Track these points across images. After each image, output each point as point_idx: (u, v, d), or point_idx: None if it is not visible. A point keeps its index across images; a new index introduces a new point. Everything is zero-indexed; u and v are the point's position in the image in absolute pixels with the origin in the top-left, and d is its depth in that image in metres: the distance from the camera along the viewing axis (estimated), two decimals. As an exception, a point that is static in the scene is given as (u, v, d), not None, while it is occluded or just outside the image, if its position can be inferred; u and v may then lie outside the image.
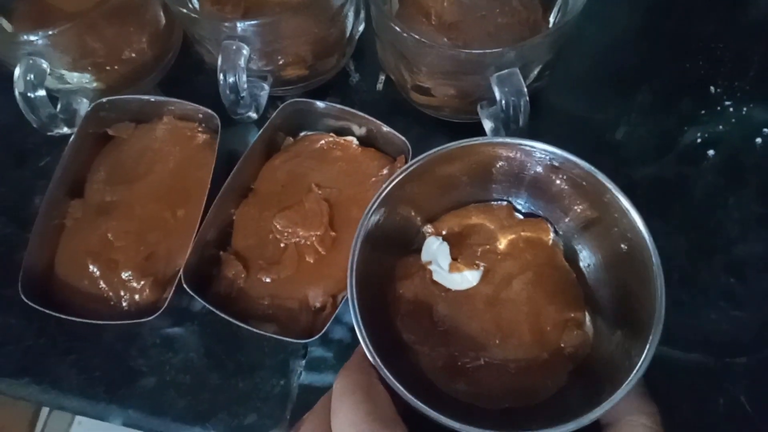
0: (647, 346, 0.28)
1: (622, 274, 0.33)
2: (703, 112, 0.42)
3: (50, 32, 0.35)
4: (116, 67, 0.40)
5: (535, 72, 0.37)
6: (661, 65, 0.44)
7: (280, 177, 0.39)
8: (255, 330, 0.33)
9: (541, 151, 0.32)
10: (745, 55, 0.43)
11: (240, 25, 0.35)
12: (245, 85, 0.36)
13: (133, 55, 0.41)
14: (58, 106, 0.40)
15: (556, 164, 0.33)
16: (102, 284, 0.36)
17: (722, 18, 0.45)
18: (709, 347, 0.36)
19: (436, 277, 0.35)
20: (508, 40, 0.40)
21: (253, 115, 0.38)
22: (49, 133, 0.38)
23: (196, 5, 0.42)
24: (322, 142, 0.40)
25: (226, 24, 0.35)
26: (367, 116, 0.38)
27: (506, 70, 0.34)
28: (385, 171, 0.39)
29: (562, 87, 0.43)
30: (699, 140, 0.41)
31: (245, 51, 0.36)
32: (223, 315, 0.33)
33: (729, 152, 0.41)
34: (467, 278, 0.34)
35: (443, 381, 0.32)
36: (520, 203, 0.37)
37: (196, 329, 0.37)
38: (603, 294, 0.34)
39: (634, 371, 0.27)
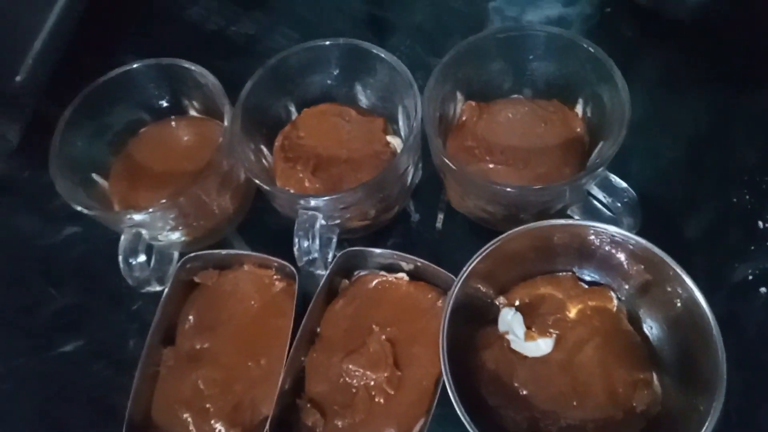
0: (714, 403, 0.32)
1: (683, 336, 0.37)
2: (752, 247, 0.43)
3: (150, 210, 0.40)
4: (202, 222, 0.45)
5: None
6: (707, 199, 0.46)
7: (342, 321, 0.42)
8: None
9: (599, 229, 0.38)
10: (791, 188, 0.45)
11: (313, 201, 0.39)
12: (318, 247, 0.40)
13: (217, 211, 0.45)
14: (152, 262, 0.44)
15: (616, 240, 0.38)
16: (195, 433, 0.40)
17: (764, 146, 0.47)
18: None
19: (513, 346, 0.39)
20: (555, 140, 0.44)
21: (322, 272, 0.42)
22: (142, 291, 0.43)
23: (270, 161, 0.47)
24: (376, 281, 0.43)
25: (301, 200, 0.39)
26: (414, 258, 0.42)
27: (598, 177, 0.38)
28: (439, 303, 0.41)
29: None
30: (750, 277, 0.42)
31: (319, 217, 0.40)
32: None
33: (782, 290, 0.42)
34: (541, 346, 0.39)
35: None
36: (584, 273, 0.41)
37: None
38: (667, 354, 0.38)
39: (705, 426, 0.31)
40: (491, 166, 0.44)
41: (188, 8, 0.61)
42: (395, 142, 0.46)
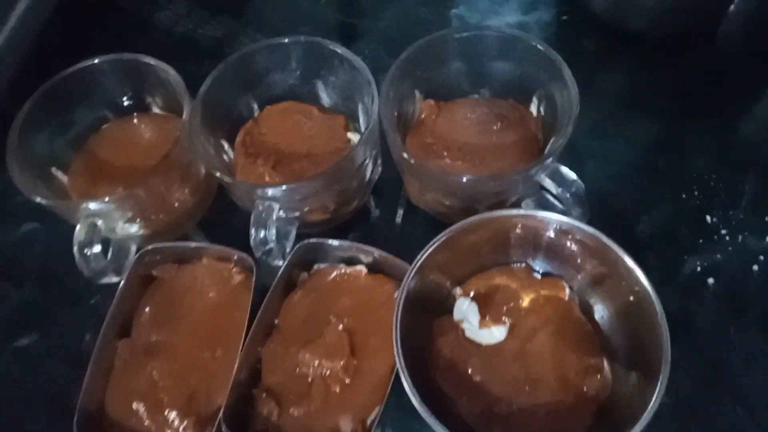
0: (657, 386, 0.33)
1: (632, 323, 0.38)
2: (701, 241, 0.45)
3: (107, 199, 0.40)
4: (161, 216, 0.45)
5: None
6: (658, 197, 0.47)
7: (300, 312, 0.43)
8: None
9: (552, 220, 0.39)
10: (737, 185, 0.47)
11: (270, 190, 0.39)
12: (274, 238, 0.40)
13: (176, 204, 0.45)
14: (109, 254, 0.44)
15: (566, 230, 0.39)
16: (148, 423, 0.39)
17: (713, 151, 0.49)
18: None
19: (468, 334, 0.40)
20: (511, 138, 0.45)
21: (280, 263, 0.42)
22: (98, 282, 0.42)
23: (232, 156, 0.47)
24: (335, 274, 0.44)
25: (258, 190, 0.39)
26: (372, 249, 0.43)
27: (548, 168, 0.39)
28: (395, 295, 0.41)
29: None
30: (699, 269, 0.44)
31: (276, 208, 0.40)
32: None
33: (728, 280, 0.43)
34: (495, 334, 0.40)
35: (482, 427, 0.37)
36: (537, 264, 0.43)
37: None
38: (617, 341, 0.39)
39: (647, 409, 0.32)
40: (449, 161, 0.45)
41: (157, 12, 0.62)
42: (355, 139, 0.47)
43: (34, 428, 0.43)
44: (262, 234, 0.40)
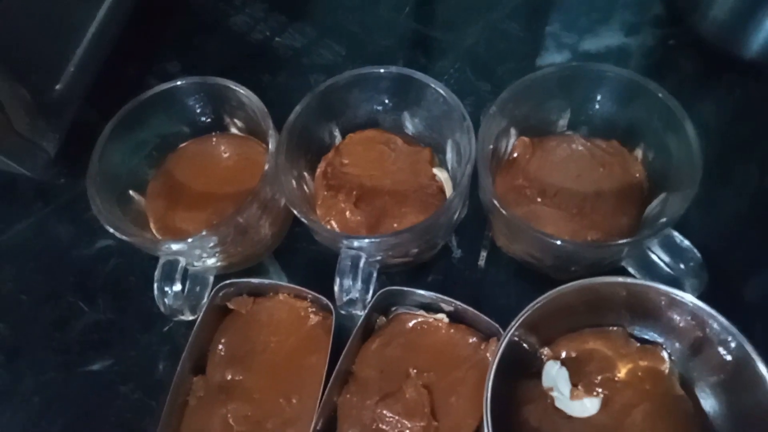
0: None
1: (744, 409, 0.34)
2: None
3: (190, 240, 0.39)
4: (239, 249, 0.44)
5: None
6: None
7: (377, 362, 0.41)
8: None
9: (664, 291, 0.35)
10: None
11: (357, 242, 0.37)
12: (359, 286, 0.38)
13: (255, 238, 0.44)
14: (186, 286, 0.43)
15: (677, 301, 0.35)
16: (222, 470, 0.38)
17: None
18: None
19: (557, 404, 0.37)
20: (612, 185, 0.42)
21: (360, 313, 0.40)
22: (174, 319, 0.42)
23: (312, 187, 0.46)
24: (414, 322, 0.42)
25: (345, 241, 0.37)
26: (455, 301, 0.40)
27: (661, 237, 0.36)
28: (480, 350, 0.40)
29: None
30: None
31: (362, 258, 0.38)
32: None
33: None
34: (588, 406, 0.37)
35: None
36: (634, 328, 0.39)
37: None
38: (722, 424, 0.36)
39: None
40: (542, 208, 0.42)
41: (233, 15, 0.60)
42: (442, 176, 0.44)
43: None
44: (347, 284, 0.38)
